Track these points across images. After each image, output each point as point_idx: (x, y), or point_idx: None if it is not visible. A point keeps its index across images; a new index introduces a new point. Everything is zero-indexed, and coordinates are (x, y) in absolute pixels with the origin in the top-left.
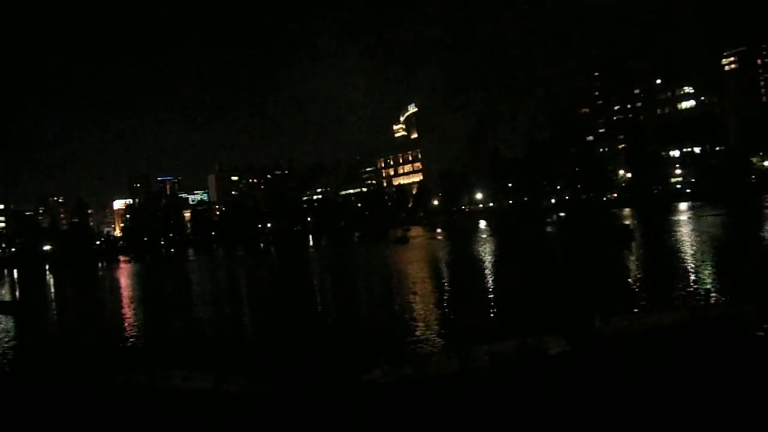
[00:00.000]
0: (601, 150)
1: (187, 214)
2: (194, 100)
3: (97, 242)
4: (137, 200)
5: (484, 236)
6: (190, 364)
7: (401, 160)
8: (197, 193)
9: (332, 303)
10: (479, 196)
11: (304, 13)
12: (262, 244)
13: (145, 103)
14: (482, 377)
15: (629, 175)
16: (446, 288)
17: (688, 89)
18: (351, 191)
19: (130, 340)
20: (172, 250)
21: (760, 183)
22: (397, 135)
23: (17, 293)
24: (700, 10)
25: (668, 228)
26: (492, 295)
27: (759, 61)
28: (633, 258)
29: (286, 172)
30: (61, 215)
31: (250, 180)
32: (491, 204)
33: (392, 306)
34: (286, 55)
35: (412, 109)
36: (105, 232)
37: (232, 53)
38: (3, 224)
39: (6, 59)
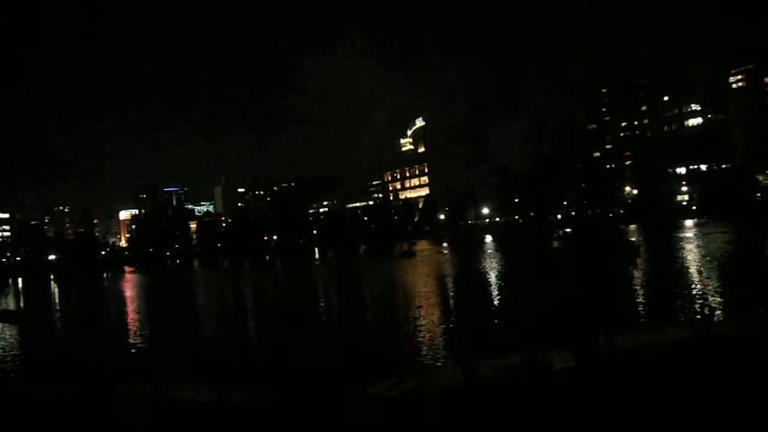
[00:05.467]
0: (608, 166)
1: (193, 226)
2: (202, 112)
3: (103, 252)
4: (143, 211)
5: (490, 251)
6: (194, 376)
7: (408, 174)
8: (203, 205)
9: (337, 316)
10: (486, 210)
11: (312, 26)
12: (267, 257)
13: (152, 113)
14: (487, 391)
15: (636, 191)
16: (452, 302)
17: (695, 106)
18: (358, 204)
19: (135, 351)
20: (178, 261)
21: (766, 201)
22: (404, 149)
23: (22, 303)
24: (708, 28)
25: (674, 244)
26: (497, 310)
27: (766, 80)
28: (638, 274)
29: (293, 184)
30: (67, 225)
31: (257, 192)
32: (497, 219)
33: (398, 320)
34: (294, 67)
35: (419, 122)
36: (111, 242)
37: (241, 65)
38: (8, 233)
39: (14, 69)
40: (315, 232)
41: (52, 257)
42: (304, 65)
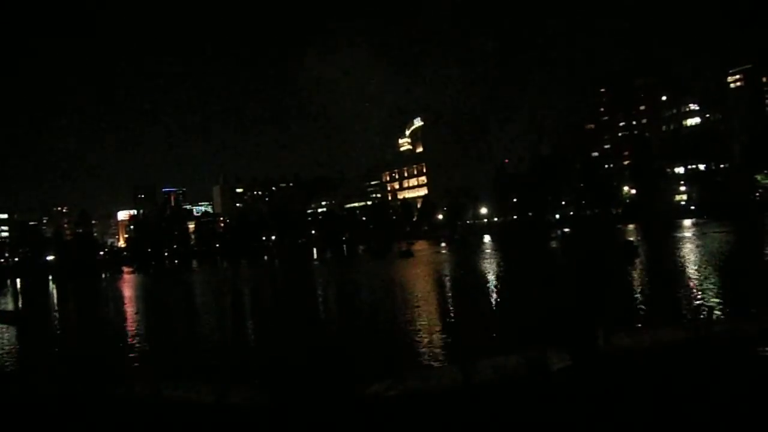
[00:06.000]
0: (606, 166)
1: (192, 226)
2: (200, 113)
3: (101, 253)
4: (141, 211)
5: (488, 251)
6: (193, 376)
7: (406, 174)
8: (202, 205)
9: (335, 316)
10: (484, 210)
11: (311, 25)
12: (266, 257)
13: (150, 114)
14: (485, 391)
15: (634, 191)
16: (450, 302)
17: (693, 106)
18: (356, 204)
19: (133, 350)
20: (176, 261)
21: (764, 200)
22: (402, 149)
23: (20, 303)
24: (706, 28)
25: (672, 244)
26: (496, 310)
27: (764, 79)
28: (637, 274)
29: (291, 184)
30: (65, 225)
31: (255, 192)
32: (496, 219)
33: (396, 320)
34: (292, 68)
35: (417, 122)
36: (109, 242)
37: (239, 65)
38: (7, 234)
39: (12, 69)
40: (313, 232)
41: (50, 258)
42: (303, 65)
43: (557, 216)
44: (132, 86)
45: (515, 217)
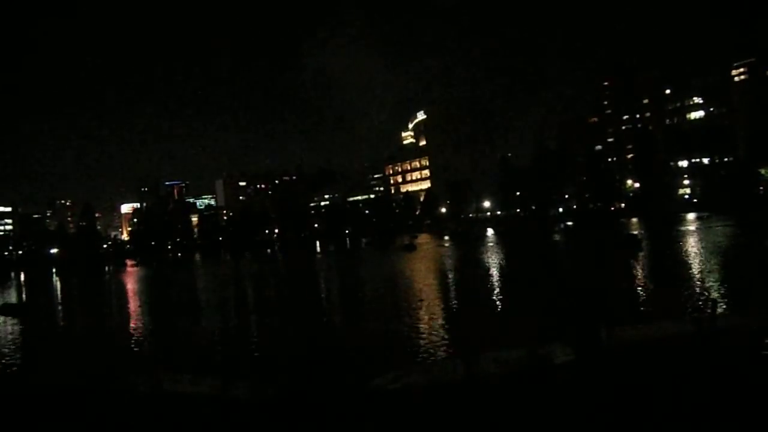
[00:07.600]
0: (610, 159)
1: (195, 219)
2: (203, 105)
3: (105, 246)
4: (145, 204)
5: (491, 244)
6: (196, 369)
7: (409, 168)
8: (205, 198)
9: (339, 309)
10: (487, 204)
11: (314, 18)
12: (269, 250)
13: (153, 106)
14: (489, 385)
15: (637, 185)
16: (453, 296)
17: (697, 99)
18: (359, 198)
19: (137, 343)
20: (179, 254)
21: None
22: (405, 142)
23: (24, 296)
24: (710, 21)
25: (675, 238)
26: (499, 304)
27: None
28: (640, 267)
29: (294, 178)
30: (69, 218)
31: (258, 185)
32: (499, 212)
33: (399, 313)
34: (295, 62)
35: (420, 116)
36: (112, 235)
37: (242, 59)
38: (10, 227)
39: (16, 63)
40: (316, 225)
41: (53, 251)
42: (306, 58)
43: (560, 209)
44: (135, 81)
45: (518, 210)
